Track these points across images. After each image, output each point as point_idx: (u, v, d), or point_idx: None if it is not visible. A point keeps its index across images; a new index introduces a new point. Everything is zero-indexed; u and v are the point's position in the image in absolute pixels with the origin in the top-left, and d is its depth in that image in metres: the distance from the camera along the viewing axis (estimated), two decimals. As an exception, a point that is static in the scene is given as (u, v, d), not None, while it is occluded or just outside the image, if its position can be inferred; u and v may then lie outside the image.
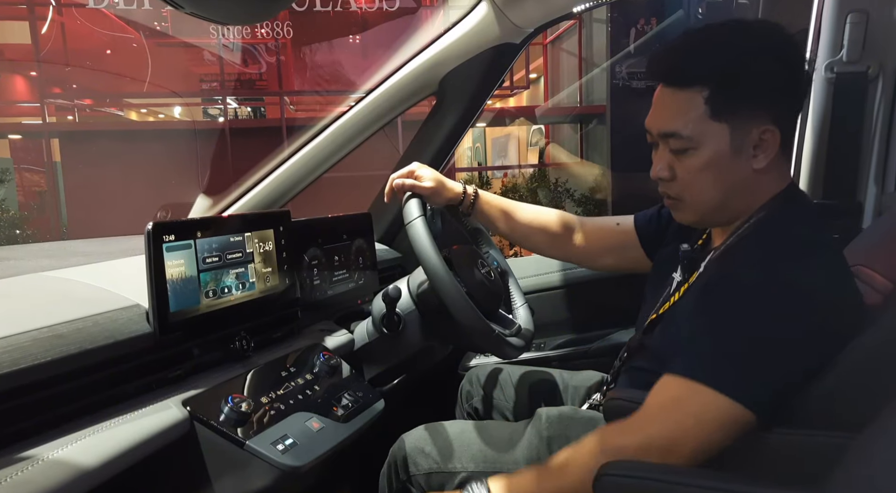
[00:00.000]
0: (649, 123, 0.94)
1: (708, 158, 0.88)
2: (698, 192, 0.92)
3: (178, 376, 0.87)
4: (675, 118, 0.89)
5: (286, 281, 1.07)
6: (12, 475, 0.60)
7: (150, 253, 0.81)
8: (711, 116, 0.86)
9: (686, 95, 0.87)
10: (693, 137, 0.88)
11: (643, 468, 0.76)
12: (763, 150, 0.88)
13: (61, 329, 0.71)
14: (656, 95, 0.93)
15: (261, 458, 0.82)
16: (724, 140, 0.87)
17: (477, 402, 1.45)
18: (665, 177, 0.94)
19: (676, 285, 1.03)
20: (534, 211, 1.34)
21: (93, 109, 9.10)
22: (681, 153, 0.90)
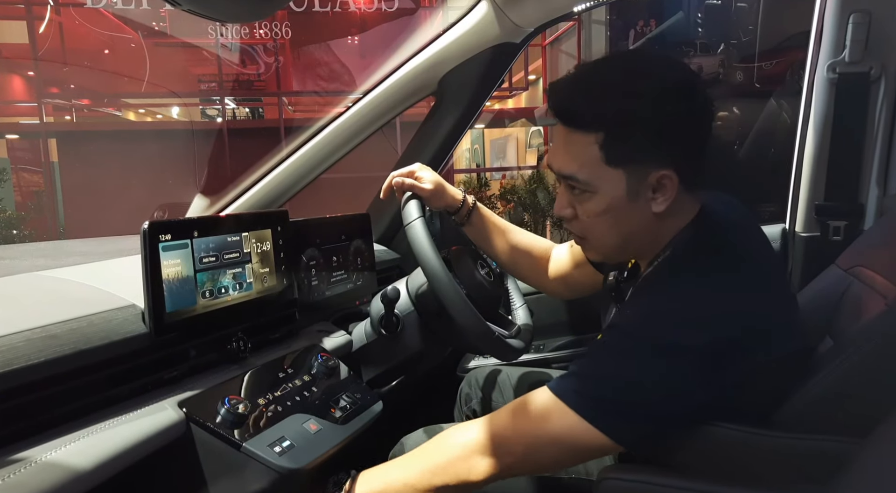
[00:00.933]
0: (549, 160, 0.93)
1: (605, 203, 0.87)
2: (599, 234, 0.91)
3: (173, 378, 0.86)
4: (572, 161, 0.87)
5: (284, 282, 1.06)
6: (6, 476, 0.58)
7: (146, 253, 0.80)
8: (606, 162, 0.84)
9: (581, 138, 0.85)
10: (589, 182, 0.86)
11: (645, 471, 0.76)
12: (662, 193, 0.85)
13: (55, 329, 0.70)
14: (556, 131, 0.90)
15: (258, 460, 0.81)
16: (620, 186, 0.85)
17: (476, 404, 1.45)
18: (566, 216, 0.93)
19: (613, 314, 1.03)
20: (523, 236, 1.33)
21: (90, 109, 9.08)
22: (579, 195, 0.89)
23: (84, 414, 0.73)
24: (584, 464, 1.05)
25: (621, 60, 0.90)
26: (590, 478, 1.03)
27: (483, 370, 1.50)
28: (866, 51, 1.40)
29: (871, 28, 1.39)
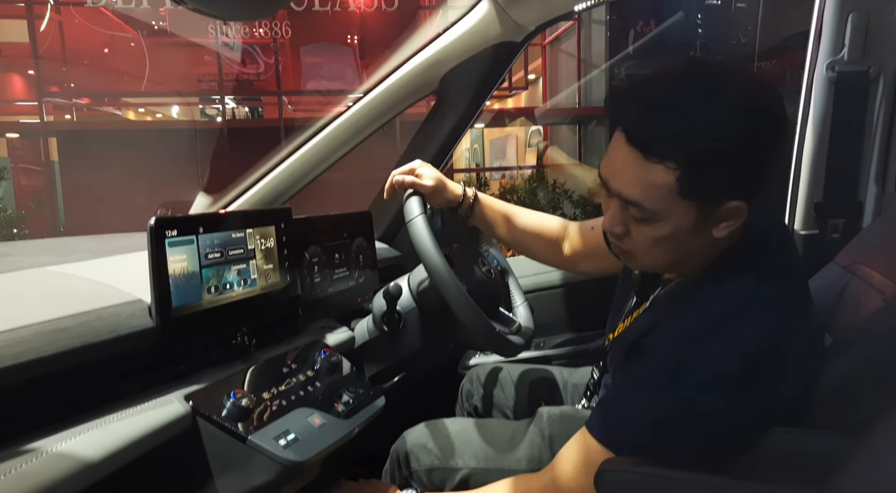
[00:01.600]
0: (606, 174, 0.85)
1: (668, 231, 0.82)
2: (651, 257, 0.87)
3: (180, 372, 0.87)
4: (639, 187, 0.80)
5: (287, 278, 1.07)
6: (17, 466, 0.59)
7: (152, 248, 0.81)
8: (679, 194, 0.78)
9: (655, 168, 0.78)
10: (656, 212, 0.80)
11: (643, 464, 0.77)
12: (727, 220, 0.81)
13: (64, 323, 0.71)
14: (618, 143, 0.82)
15: (263, 453, 0.81)
16: (688, 217, 0.80)
17: (477, 400, 1.46)
18: (618, 232, 0.88)
19: (633, 306, 1.02)
20: (532, 217, 1.34)
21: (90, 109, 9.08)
22: (639, 220, 0.83)
23: (92, 407, 0.74)
24: None
25: (702, 80, 0.79)
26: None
27: (484, 368, 1.51)
28: (865, 50, 1.41)
29: (869, 27, 1.40)
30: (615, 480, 0.76)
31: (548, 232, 1.32)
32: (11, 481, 0.58)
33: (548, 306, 1.73)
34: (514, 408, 1.39)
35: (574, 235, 1.30)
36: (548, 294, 1.75)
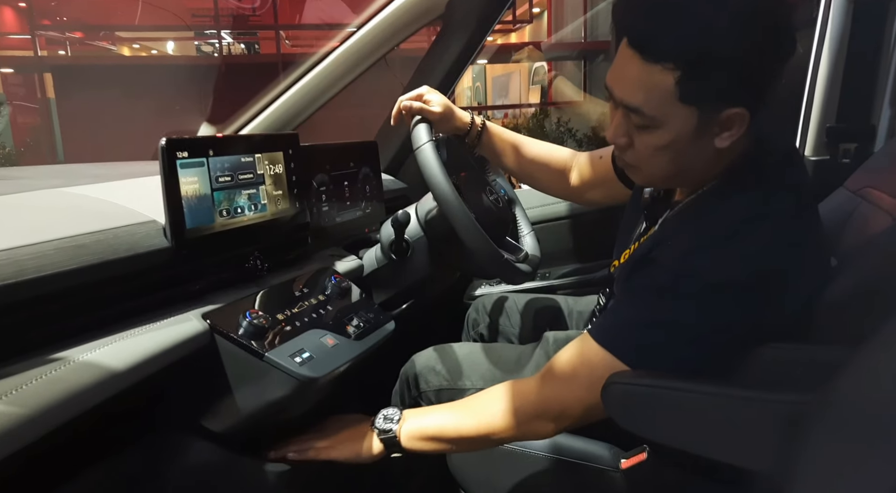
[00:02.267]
0: (611, 82, 0.85)
1: (669, 139, 0.82)
2: (654, 166, 0.87)
3: (196, 291, 0.89)
4: (640, 93, 0.80)
5: (296, 205, 1.08)
6: (46, 373, 0.62)
7: (164, 168, 0.82)
8: (680, 99, 0.78)
9: (655, 70, 0.78)
10: (656, 117, 0.81)
11: (648, 376, 0.79)
12: (729, 129, 0.81)
13: (83, 240, 0.72)
14: (621, 50, 0.82)
15: (279, 369, 0.84)
16: (689, 123, 0.80)
17: (483, 329, 1.49)
18: (621, 144, 0.89)
19: (642, 231, 1.03)
20: (539, 147, 1.32)
21: (83, 43, 8.87)
22: (641, 128, 0.84)
23: (112, 323, 0.76)
24: None
25: None
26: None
27: (490, 297, 1.53)
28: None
29: None
30: (621, 392, 0.79)
31: (556, 162, 1.31)
32: (42, 385, 0.60)
33: (553, 238, 1.74)
34: (520, 335, 1.42)
35: (582, 164, 1.30)
36: (553, 225, 1.75)
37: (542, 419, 0.91)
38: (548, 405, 0.91)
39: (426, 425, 0.97)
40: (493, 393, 0.96)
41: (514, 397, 0.93)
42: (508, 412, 0.92)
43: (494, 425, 0.93)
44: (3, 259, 0.63)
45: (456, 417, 0.97)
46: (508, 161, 1.31)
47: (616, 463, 0.97)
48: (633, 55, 0.80)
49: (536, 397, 0.91)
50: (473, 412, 0.95)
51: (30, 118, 8.38)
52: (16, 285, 0.63)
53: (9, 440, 0.56)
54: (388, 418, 0.99)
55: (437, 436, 0.97)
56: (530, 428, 0.93)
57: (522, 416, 0.92)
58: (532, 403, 0.92)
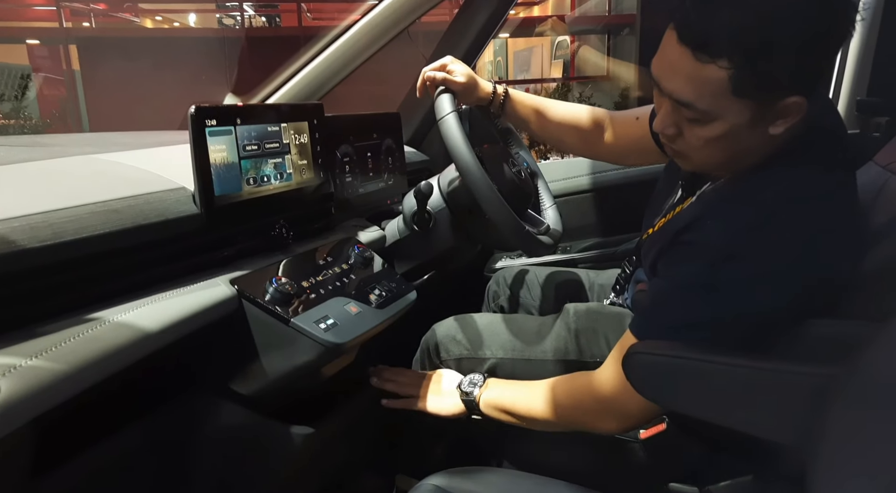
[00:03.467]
0: (659, 75, 0.82)
1: (722, 131, 0.79)
2: (705, 156, 0.85)
3: (224, 258, 0.91)
4: (691, 88, 0.77)
5: (321, 175, 1.09)
6: (83, 332, 0.64)
7: (193, 135, 0.83)
8: (734, 93, 0.75)
9: (707, 67, 0.75)
10: (709, 112, 0.78)
11: (670, 346, 0.79)
12: (785, 117, 0.78)
13: (115, 205, 0.74)
14: (670, 41, 0.79)
15: (305, 334, 0.86)
16: (743, 116, 0.78)
17: (503, 301, 1.49)
18: (670, 134, 0.85)
19: (677, 200, 1.01)
20: (565, 109, 1.30)
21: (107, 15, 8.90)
22: (692, 121, 0.81)
23: (144, 287, 0.78)
24: (609, 347, 1.10)
25: None
26: (615, 362, 1.08)
27: (511, 270, 1.53)
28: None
29: None
30: (642, 362, 0.79)
31: (585, 123, 1.28)
32: (80, 343, 0.62)
33: (576, 211, 1.74)
34: (540, 307, 1.43)
35: (617, 124, 1.27)
36: (576, 199, 1.75)
37: (606, 416, 0.93)
38: (609, 403, 0.91)
39: (503, 397, 1.03)
40: (566, 383, 0.98)
41: (581, 391, 0.96)
42: (574, 405, 0.96)
43: (560, 414, 0.96)
44: (38, 222, 0.65)
45: (529, 397, 1.00)
46: (534, 127, 1.30)
47: (635, 433, 0.98)
48: (683, 50, 0.76)
49: (597, 394, 0.92)
50: (545, 397, 0.98)
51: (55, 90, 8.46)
52: (53, 247, 0.65)
53: (48, 395, 0.58)
54: (474, 382, 1.06)
55: (510, 410, 1.02)
56: (594, 424, 0.95)
57: (586, 411, 0.95)
58: (595, 399, 0.93)
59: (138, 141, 1.17)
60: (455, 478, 0.85)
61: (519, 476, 0.88)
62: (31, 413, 0.56)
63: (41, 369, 0.57)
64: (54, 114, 7.71)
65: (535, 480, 0.87)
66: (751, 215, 0.80)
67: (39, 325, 0.64)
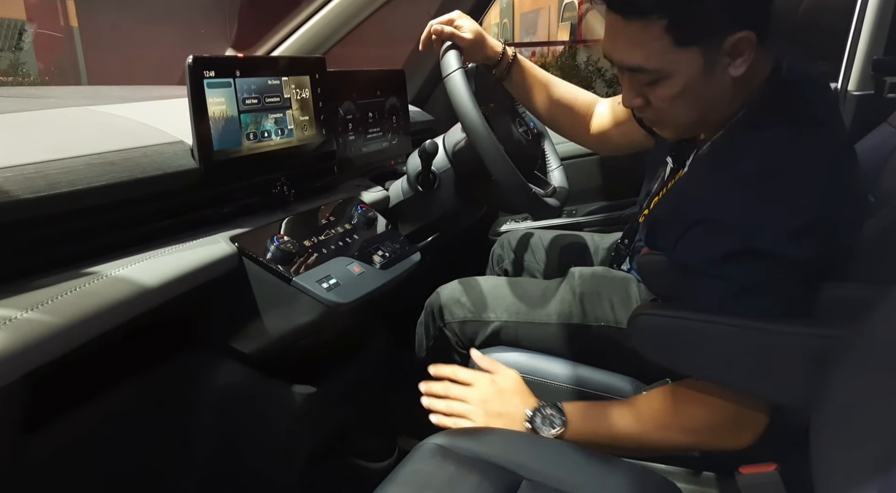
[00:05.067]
0: (607, 51, 0.83)
1: (681, 85, 0.79)
2: (676, 115, 0.85)
3: (224, 215, 0.89)
4: (635, 51, 0.78)
5: (323, 132, 1.06)
6: (81, 286, 0.63)
7: (191, 87, 0.80)
8: (677, 44, 0.76)
9: (642, 26, 0.75)
10: (660, 69, 0.78)
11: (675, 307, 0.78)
12: (740, 55, 0.77)
13: (112, 157, 0.72)
14: (606, 16, 0.80)
15: (306, 294, 0.85)
16: (695, 64, 0.77)
17: (508, 264, 1.48)
18: (638, 104, 0.86)
19: (668, 174, 1.00)
20: (566, 89, 1.28)
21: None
22: (650, 84, 0.81)
23: (143, 242, 0.76)
24: (613, 311, 1.09)
25: None
26: (619, 325, 1.07)
27: (515, 233, 1.52)
28: None
29: None
30: (648, 323, 0.78)
31: (579, 106, 1.27)
32: (78, 297, 0.61)
33: (582, 174, 1.71)
34: (545, 271, 1.42)
35: (602, 112, 1.27)
36: (582, 162, 1.72)
37: (741, 430, 0.83)
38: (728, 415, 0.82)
39: (600, 435, 0.88)
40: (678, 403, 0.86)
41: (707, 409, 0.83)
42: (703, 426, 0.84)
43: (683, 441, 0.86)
44: (33, 173, 0.63)
45: (636, 428, 0.87)
46: (534, 99, 1.26)
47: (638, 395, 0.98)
48: (616, 18, 0.78)
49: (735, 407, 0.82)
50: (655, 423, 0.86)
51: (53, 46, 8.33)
52: (47, 198, 0.63)
53: (44, 349, 0.57)
54: (549, 420, 0.89)
55: (612, 445, 0.88)
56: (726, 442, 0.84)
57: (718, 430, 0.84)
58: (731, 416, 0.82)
59: (137, 94, 1.14)
60: (457, 438, 0.84)
61: (521, 436, 0.88)
62: (26, 367, 0.55)
63: (37, 322, 0.56)
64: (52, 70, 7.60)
65: (537, 440, 0.86)
66: (756, 182, 0.79)
67: (36, 278, 0.63)
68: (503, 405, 0.92)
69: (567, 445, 0.85)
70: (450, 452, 0.81)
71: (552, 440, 0.87)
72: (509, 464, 0.79)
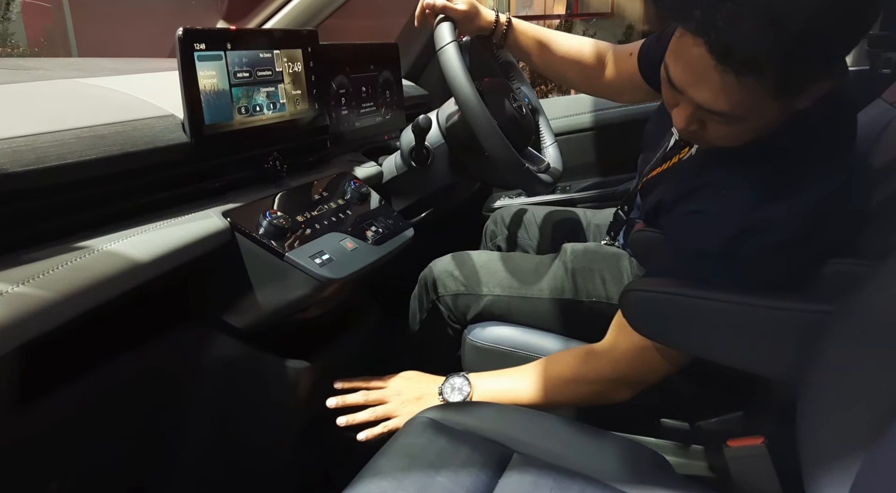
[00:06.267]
0: (682, 82, 0.74)
1: (752, 126, 0.75)
2: (723, 142, 0.80)
3: (216, 189, 0.89)
4: (726, 99, 0.71)
5: (315, 107, 1.05)
6: (71, 260, 0.62)
7: (182, 60, 0.79)
8: (770, 96, 0.70)
9: (747, 80, 0.68)
10: (743, 116, 0.73)
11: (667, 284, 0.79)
12: (813, 96, 0.72)
13: (102, 131, 0.71)
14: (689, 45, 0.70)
15: (299, 269, 0.85)
16: (776, 112, 0.74)
17: (501, 240, 1.49)
18: (693, 131, 0.80)
19: (672, 146, 0.98)
20: (569, 42, 1.24)
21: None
22: (721, 122, 0.75)
23: (133, 216, 0.76)
24: (604, 286, 1.10)
25: None
26: (610, 301, 1.08)
27: (509, 209, 1.52)
28: None
29: None
30: (639, 299, 0.79)
31: (587, 58, 1.23)
32: (68, 271, 0.61)
33: (576, 150, 1.71)
34: (538, 247, 1.42)
35: (616, 60, 1.21)
36: (576, 137, 1.72)
37: (621, 388, 0.93)
38: (626, 377, 0.91)
39: (499, 397, 0.96)
40: (568, 366, 0.96)
41: (591, 372, 0.93)
42: (585, 387, 0.94)
43: (571, 398, 0.95)
44: (22, 146, 0.63)
45: (530, 387, 0.96)
46: (536, 60, 1.24)
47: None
48: (715, 65, 0.68)
49: (612, 371, 0.91)
50: (548, 387, 0.95)
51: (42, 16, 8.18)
52: (36, 171, 0.63)
53: (36, 322, 0.57)
54: (458, 389, 0.97)
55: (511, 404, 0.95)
56: (609, 397, 0.94)
57: (599, 388, 0.93)
58: (609, 377, 0.92)
59: (127, 67, 1.13)
60: (449, 412, 0.86)
61: (512, 410, 0.89)
62: (18, 340, 0.55)
63: (29, 295, 0.56)
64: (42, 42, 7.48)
65: (528, 414, 0.88)
66: (764, 186, 0.78)
67: (27, 252, 0.63)
68: (417, 390, 0.99)
69: (558, 419, 0.86)
70: (442, 425, 0.82)
71: (544, 414, 0.88)
72: (500, 437, 0.81)
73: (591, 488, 0.72)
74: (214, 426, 1.00)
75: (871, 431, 0.50)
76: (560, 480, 0.73)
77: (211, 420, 0.99)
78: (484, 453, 0.77)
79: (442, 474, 0.73)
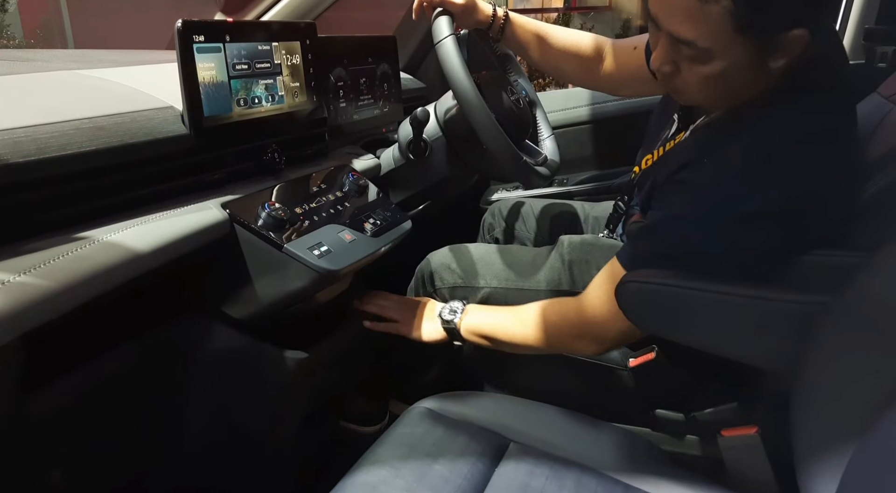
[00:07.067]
0: (655, 11, 0.78)
1: (722, 68, 0.76)
2: (703, 93, 0.83)
3: (215, 181, 0.89)
4: (692, 26, 0.74)
5: (314, 99, 1.06)
6: (72, 250, 0.63)
7: (181, 52, 0.79)
8: (735, 30, 0.72)
9: (709, 4, 0.71)
10: (709, 49, 0.75)
11: (663, 274, 0.80)
12: (784, 50, 0.75)
13: (102, 122, 0.72)
14: None
15: (298, 260, 0.85)
16: (745, 52, 0.75)
17: (498, 233, 1.49)
18: (667, 71, 0.82)
19: (672, 133, 0.99)
20: (567, 36, 1.25)
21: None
22: (691, 59, 0.78)
23: (133, 208, 0.76)
24: None
25: None
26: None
27: (506, 202, 1.53)
28: None
29: None
30: (636, 290, 0.80)
31: (585, 51, 1.24)
32: (69, 262, 0.61)
33: (573, 143, 1.71)
34: (535, 239, 1.43)
35: (616, 54, 1.23)
36: (574, 130, 1.72)
37: (583, 339, 0.95)
38: (587, 327, 0.93)
39: (483, 323, 1.04)
40: (544, 308, 0.99)
41: (559, 315, 0.97)
42: (553, 329, 0.97)
43: (539, 338, 0.97)
44: (22, 136, 0.63)
45: (509, 323, 1.02)
46: (534, 53, 1.25)
47: (624, 362, 1.00)
48: None
49: (576, 318, 0.95)
50: (524, 322, 0.99)
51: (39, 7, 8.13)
52: (37, 162, 0.63)
53: (37, 312, 0.57)
54: (453, 310, 1.07)
55: (490, 336, 1.03)
56: (572, 346, 0.98)
57: (564, 335, 0.96)
58: (573, 323, 0.95)
59: (125, 58, 1.13)
60: (446, 402, 0.86)
61: (509, 400, 0.90)
62: (18, 329, 0.55)
63: (31, 285, 0.57)
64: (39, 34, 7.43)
65: (525, 404, 0.89)
66: (742, 160, 0.79)
67: (28, 242, 0.63)
68: (420, 308, 1.13)
69: (554, 409, 0.87)
70: (439, 415, 0.83)
71: (540, 404, 0.89)
72: (497, 427, 0.81)
73: (587, 477, 0.73)
74: (213, 415, 1.00)
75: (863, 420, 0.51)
76: (556, 469, 0.74)
77: (210, 410, 1.00)
78: (481, 442, 0.78)
79: (439, 462, 0.73)
